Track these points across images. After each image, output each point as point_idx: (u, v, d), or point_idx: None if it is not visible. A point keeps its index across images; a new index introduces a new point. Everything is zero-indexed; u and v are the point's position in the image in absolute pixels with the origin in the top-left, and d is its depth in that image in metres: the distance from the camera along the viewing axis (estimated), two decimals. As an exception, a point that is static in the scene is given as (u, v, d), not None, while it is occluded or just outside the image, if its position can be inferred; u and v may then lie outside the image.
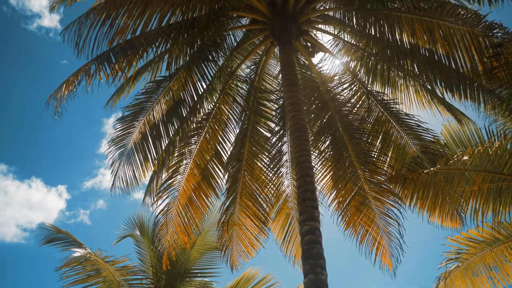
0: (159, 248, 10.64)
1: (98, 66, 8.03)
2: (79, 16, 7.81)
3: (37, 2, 27.26)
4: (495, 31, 7.37)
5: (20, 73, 26.22)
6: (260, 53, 9.89)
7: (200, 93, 9.43)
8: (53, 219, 29.74)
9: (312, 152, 9.15)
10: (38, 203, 29.65)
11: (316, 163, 9.78)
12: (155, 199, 9.61)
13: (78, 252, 11.26)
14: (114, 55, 8.12)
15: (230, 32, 9.60)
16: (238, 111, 9.91)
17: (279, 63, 10.10)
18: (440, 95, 8.91)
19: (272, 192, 10.28)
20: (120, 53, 8.12)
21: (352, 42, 9.42)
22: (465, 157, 6.96)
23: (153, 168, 9.68)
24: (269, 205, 10.28)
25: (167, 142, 9.59)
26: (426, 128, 9.42)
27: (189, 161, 9.66)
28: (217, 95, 9.68)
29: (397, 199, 9.12)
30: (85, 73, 8.11)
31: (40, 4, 26.85)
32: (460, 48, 7.74)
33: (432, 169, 7.28)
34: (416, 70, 8.71)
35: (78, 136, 29.13)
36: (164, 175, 9.72)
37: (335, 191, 9.70)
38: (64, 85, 8.25)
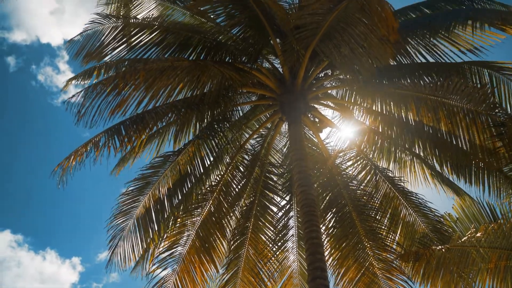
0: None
1: (107, 139, 8.08)
2: (85, 88, 7.90)
3: (64, 78, 28.72)
4: (496, 111, 7.60)
5: (43, 145, 27.05)
6: (269, 127, 10.02)
7: (208, 166, 9.42)
8: (64, 293, 28.75)
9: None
10: (51, 275, 29.16)
11: (323, 238, 9.57)
12: (149, 270, 9.29)
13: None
14: (124, 128, 8.19)
15: (240, 107, 9.80)
16: (244, 184, 9.84)
17: (285, 137, 10.27)
18: (449, 177, 8.97)
19: (275, 267, 10.02)
20: (130, 126, 8.20)
21: (358, 118, 9.62)
22: (479, 234, 6.86)
23: (155, 242, 9.43)
24: (271, 281, 9.96)
25: (171, 216, 9.42)
26: (430, 208, 9.43)
27: (191, 232, 9.46)
28: (224, 168, 9.67)
29: (407, 279, 8.90)
30: (94, 145, 8.16)
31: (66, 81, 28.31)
32: (462, 127, 7.87)
33: (446, 246, 7.13)
34: (422, 150, 8.78)
35: (96, 206, 29.13)
36: (165, 247, 9.46)
37: (343, 270, 9.42)
38: (73, 155, 8.26)
